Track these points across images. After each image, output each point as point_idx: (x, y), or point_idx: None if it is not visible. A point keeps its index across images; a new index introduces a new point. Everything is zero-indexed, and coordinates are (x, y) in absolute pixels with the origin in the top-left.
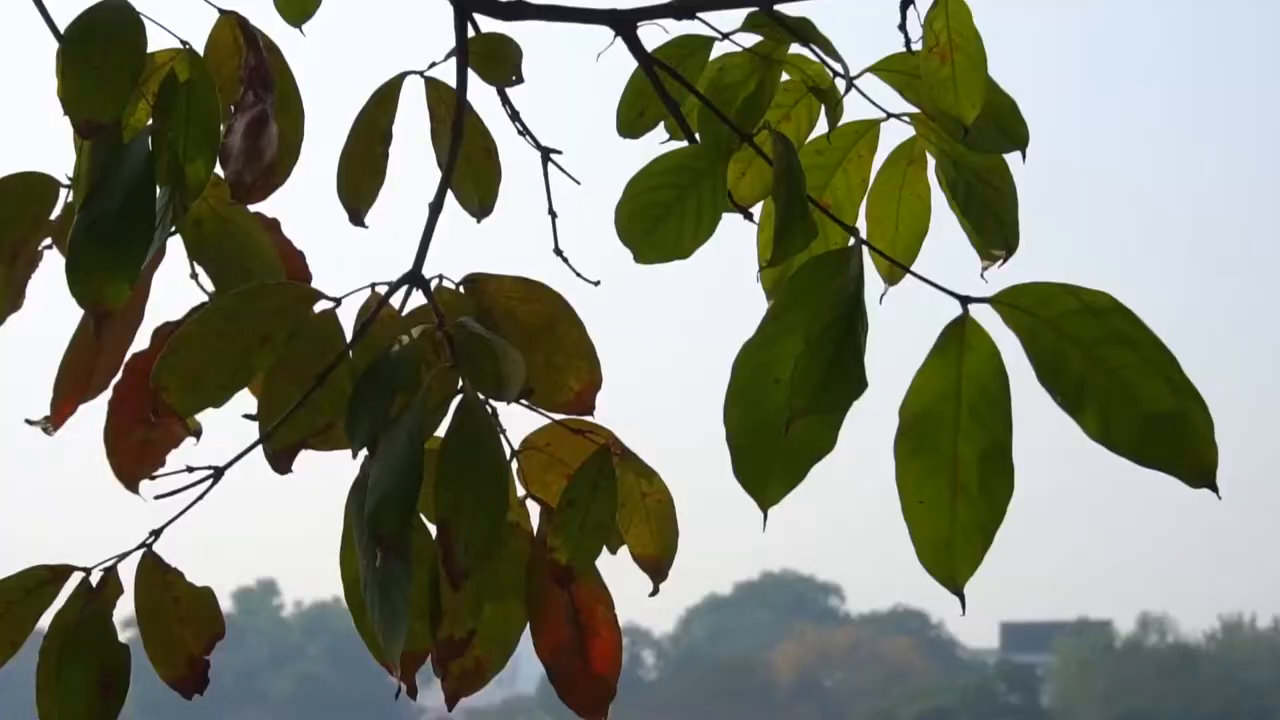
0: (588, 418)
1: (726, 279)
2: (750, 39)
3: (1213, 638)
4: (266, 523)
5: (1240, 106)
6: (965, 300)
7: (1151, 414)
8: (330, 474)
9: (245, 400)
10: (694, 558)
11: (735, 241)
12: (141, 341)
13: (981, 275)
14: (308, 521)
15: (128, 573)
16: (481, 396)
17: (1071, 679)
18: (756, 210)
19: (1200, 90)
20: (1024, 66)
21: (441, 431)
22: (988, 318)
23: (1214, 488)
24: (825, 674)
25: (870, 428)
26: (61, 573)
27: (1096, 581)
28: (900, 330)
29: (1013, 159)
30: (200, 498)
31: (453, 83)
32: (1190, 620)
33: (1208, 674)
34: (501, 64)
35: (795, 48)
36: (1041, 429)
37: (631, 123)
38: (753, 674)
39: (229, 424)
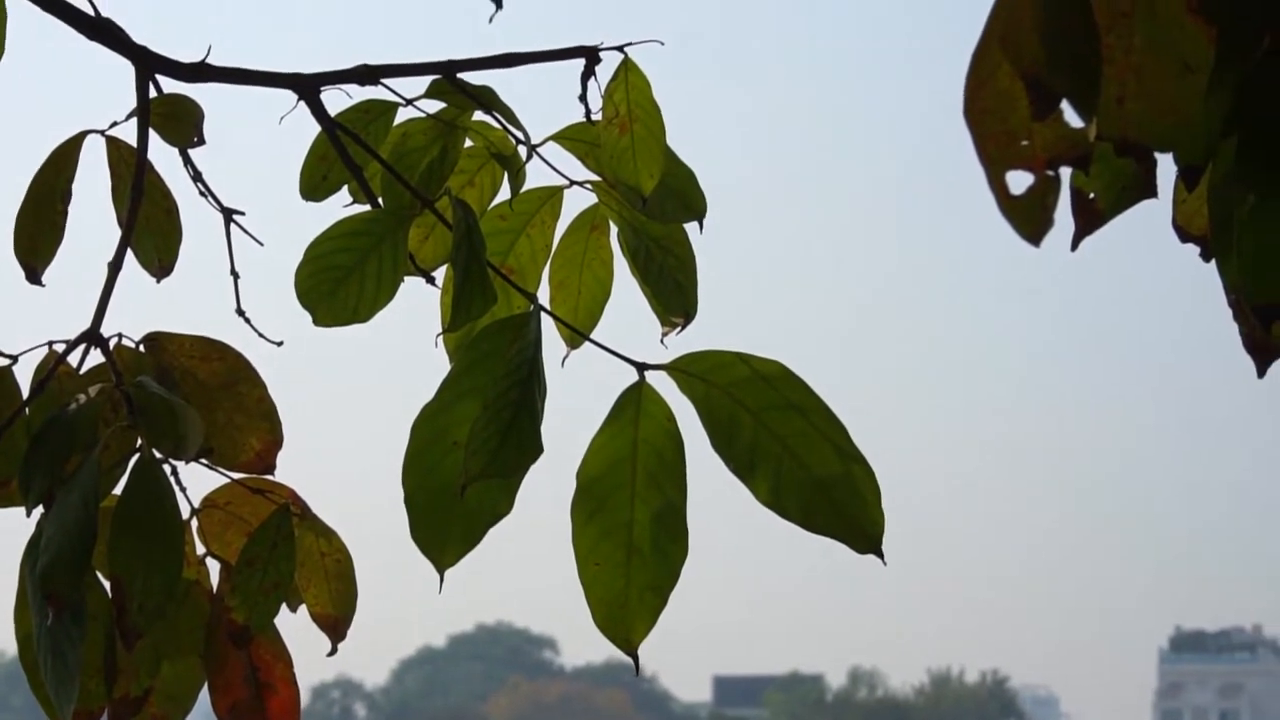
0: (269, 477)
1: (414, 341)
2: (434, 105)
3: (921, 691)
4: None
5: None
6: (641, 367)
7: (819, 480)
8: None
9: None
10: (407, 609)
11: (422, 304)
12: None
13: (662, 341)
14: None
15: None
16: (160, 455)
17: None
18: (440, 274)
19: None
20: (705, 137)
21: (120, 490)
22: (664, 383)
23: (879, 553)
24: None
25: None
26: None
27: (808, 635)
28: (589, 392)
29: (691, 228)
30: None
31: (134, 142)
32: (900, 674)
33: None
34: (183, 125)
35: (479, 114)
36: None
37: (314, 186)
38: None
39: None
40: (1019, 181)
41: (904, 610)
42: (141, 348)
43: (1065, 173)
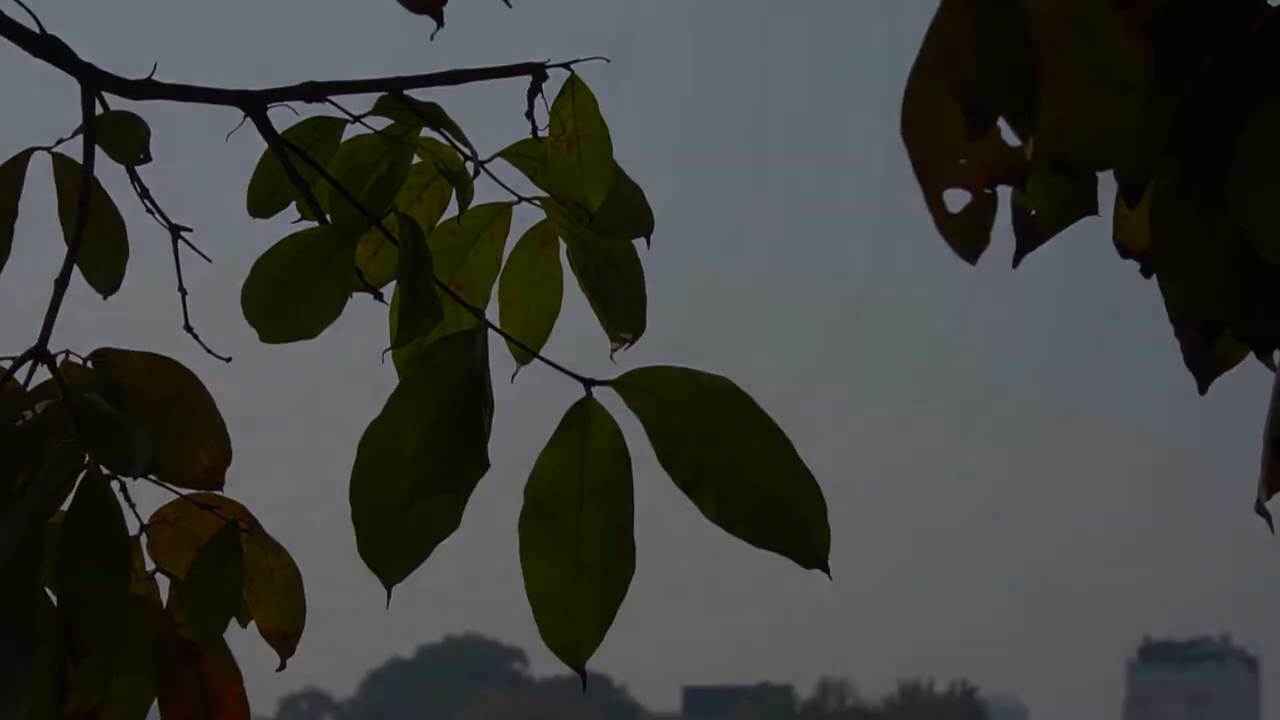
0: (218, 492)
1: (366, 357)
2: (382, 122)
3: (891, 702)
4: None
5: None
6: (589, 383)
7: (764, 496)
8: None
9: None
10: (376, 621)
11: (371, 320)
12: None
13: (611, 357)
14: None
15: None
16: (108, 472)
17: None
18: (389, 290)
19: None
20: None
21: (67, 507)
22: (612, 399)
23: (825, 569)
24: None
25: None
26: None
27: (778, 646)
28: (541, 408)
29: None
30: None
31: (80, 159)
32: (869, 685)
33: None
34: (129, 142)
35: (426, 131)
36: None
37: (262, 203)
38: None
39: None
40: (956, 200)
41: (874, 621)
42: (89, 364)
43: (1005, 191)
